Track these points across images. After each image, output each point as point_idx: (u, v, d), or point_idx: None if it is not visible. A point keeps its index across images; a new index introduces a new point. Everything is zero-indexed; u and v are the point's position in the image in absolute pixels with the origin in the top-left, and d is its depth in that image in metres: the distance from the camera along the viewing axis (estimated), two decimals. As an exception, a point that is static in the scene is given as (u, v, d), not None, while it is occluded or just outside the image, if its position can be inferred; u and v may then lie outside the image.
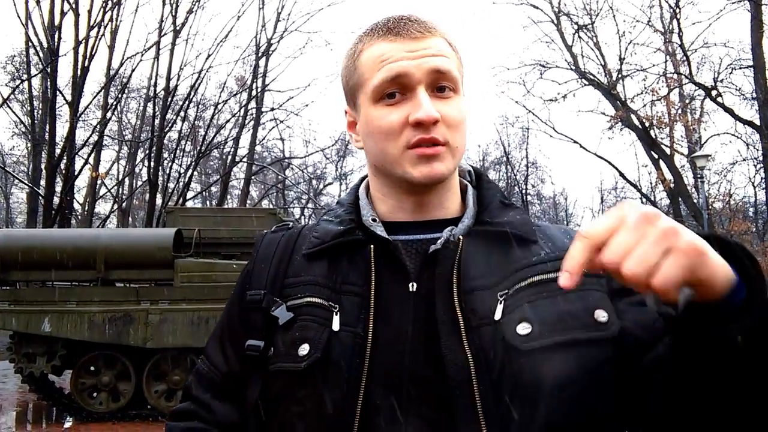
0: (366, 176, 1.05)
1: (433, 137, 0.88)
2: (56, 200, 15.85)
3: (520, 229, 0.93)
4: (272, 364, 0.90)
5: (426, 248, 0.91)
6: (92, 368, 8.16)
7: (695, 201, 22.28)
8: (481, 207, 0.97)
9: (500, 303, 0.86)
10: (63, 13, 16.40)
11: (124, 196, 28.48)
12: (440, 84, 0.90)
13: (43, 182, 16.93)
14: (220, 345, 1.00)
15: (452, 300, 0.86)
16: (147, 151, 20.52)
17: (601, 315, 0.86)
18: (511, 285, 0.87)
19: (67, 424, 7.88)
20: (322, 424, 0.84)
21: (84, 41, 16.50)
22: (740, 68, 20.19)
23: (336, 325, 0.87)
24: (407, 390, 0.83)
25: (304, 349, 0.87)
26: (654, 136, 23.06)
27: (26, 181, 20.56)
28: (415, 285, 0.89)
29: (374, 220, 0.95)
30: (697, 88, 20.92)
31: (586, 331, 0.84)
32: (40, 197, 16.54)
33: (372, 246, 0.90)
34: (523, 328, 0.83)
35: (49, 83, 16.86)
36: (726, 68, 20.78)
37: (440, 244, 0.90)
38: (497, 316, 0.85)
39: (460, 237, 0.90)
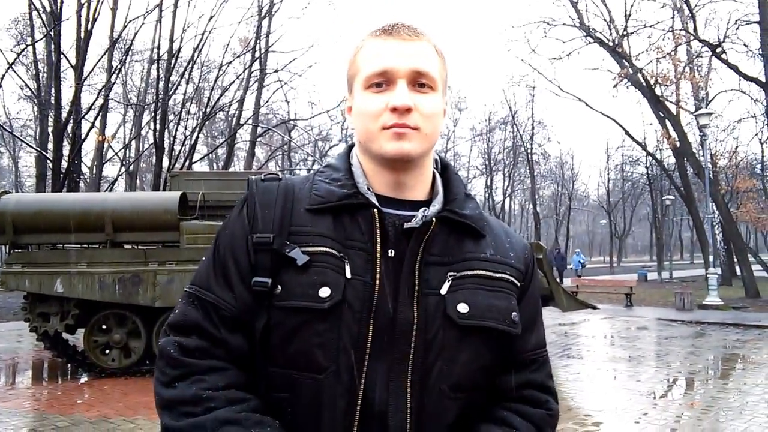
0: (353, 145, 1.23)
1: (406, 123, 1.06)
2: (64, 164, 16.03)
3: (476, 224, 1.16)
4: (284, 301, 1.04)
5: (401, 222, 1.09)
6: (104, 326, 8.47)
7: (699, 158, 22.19)
8: (450, 195, 1.17)
9: (448, 281, 1.09)
10: (64, -24, 16.32)
11: (131, 159, 28.66)
12: (420, 81, 1.08)
13: (50, 146, 17.09)
14: (225, 281, 1.09)
15: (414, 269, 1.07)
16: (153, 114, 20.59)
17: (515, 317, 1.14)
18: (460, 269, 1.11)
19: (83, 380, 8.23)
20: (339, 353, 1.03)
21: (86, 4, 16.48)
22: (747, 23, 19.86)
23: (348, 274, 1.05)
24: (386, 331, 1.05)
25: (324, 291, 1.03)
26: (660, 94, 22.86)
27: (34, 146, 20.76)
28: (393, 252, 1.08)
29: (369, 189, 1.12)
30: (703, 45, 20.62)
31: (503, 324, 1.11)
32: (48, 161, 16.72)
33: (375, 210, 1.08)
34: (463, 308, 1.08)
35: (53, 47, 16.90)
36: (734, 24, 20.46)
37: (416, 222, 1.09)
38: (443, 290, 1.08)
39: (434, 219, 1.09)
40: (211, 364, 1.05)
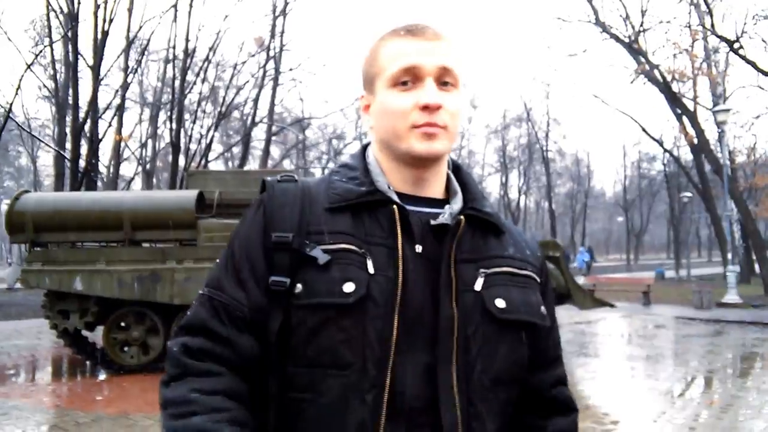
0: (367, 145, 1.25)
1: (436, 121, 1.07)
2: (82, 163, 16.19)
3: (497, 221, 1.19)
4: (306, 299, 1.04)
5: (425, 219, 1.10)
6: (123, 324, 8.55)
7: (717, 155, 21.94)
8: (468, 194, 1.18)
9: (481, 277, 1.11)
10: (81, -23, 16.47)
11: (147, 158, 28.89)
12: (444, 79, 1.09)
13: (68, 145, 17.27)
14: (238, 281, 1.09)
15: (450, 267, 1.08)
16: (169, 113, 20.73)
17: (544, 310, 1.18)
18: (489, 266, 1.13)
19: (102, 377, 8.32)
20: (365, 348, 1.02)
21: (103, 5, 16.62)
22: (765, 18, 19.60)
23: (371, 269, 1.05)
24: (416, 327, 1.06)
25: (349, 287, 1.03)
26: (677, 90, 22.63)
27: (52, 145, 20.98)
28: (420, 247, 1.08)
29: (389, 187, 1.12)
30: (720, 40, 20.38)
31: (536, 317, 1.15)
32: (66, 160, 16.90)
33: (395, 207, 1.08)
34: (501, 303, 1.10)
35: (70, 48, 17.06)
36: (752, 19, 20.21)
37: (444, 219, 1.10)
38: (477, 287, 1.10)
39: (462, 218, 1.11)
40: (207, 368, 1.04)
